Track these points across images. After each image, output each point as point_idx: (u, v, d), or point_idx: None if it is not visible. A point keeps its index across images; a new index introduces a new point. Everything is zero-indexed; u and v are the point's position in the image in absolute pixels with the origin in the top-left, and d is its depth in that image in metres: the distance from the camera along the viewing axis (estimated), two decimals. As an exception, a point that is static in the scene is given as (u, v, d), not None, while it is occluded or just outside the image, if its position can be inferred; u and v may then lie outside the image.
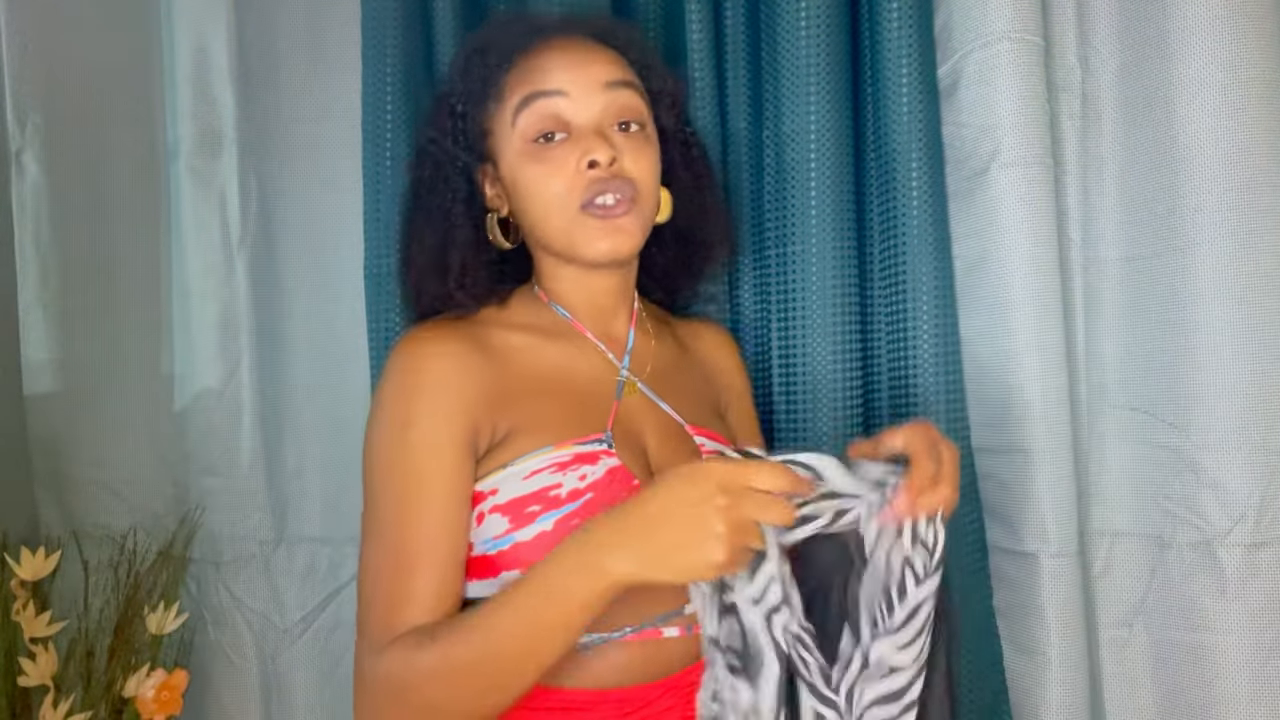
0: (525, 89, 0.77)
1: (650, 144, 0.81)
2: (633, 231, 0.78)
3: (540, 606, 0.65)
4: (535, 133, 0.77)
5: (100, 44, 1.11)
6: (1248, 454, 0.90)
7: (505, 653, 0.66)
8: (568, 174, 0.76)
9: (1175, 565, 0.94)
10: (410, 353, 0.77)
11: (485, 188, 0.84)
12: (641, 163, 0.78)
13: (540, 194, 0.78)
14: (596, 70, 0.78)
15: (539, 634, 0.65)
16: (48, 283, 1.10)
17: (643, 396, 0.83)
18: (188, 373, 1.11)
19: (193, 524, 1.08)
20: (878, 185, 1.02)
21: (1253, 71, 0.88)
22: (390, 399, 0.76)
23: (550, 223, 0.78)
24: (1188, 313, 0.91)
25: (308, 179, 1.10)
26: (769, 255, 1.04)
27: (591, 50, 0.80)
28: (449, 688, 0.67)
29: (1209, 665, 0.92)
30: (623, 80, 0.79)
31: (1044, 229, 0.94)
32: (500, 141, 0.80)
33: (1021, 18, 0.93)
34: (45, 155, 1.09)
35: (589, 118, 0.77)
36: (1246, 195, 0.88)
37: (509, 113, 0.78)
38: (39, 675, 0.94)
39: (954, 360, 0.98)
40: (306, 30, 1.09)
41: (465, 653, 0.66)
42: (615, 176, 0.76)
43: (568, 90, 0.77)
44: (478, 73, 0.80)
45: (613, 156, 0.76)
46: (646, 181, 0.79)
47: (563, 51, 0.79)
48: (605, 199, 0.76)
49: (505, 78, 0.78)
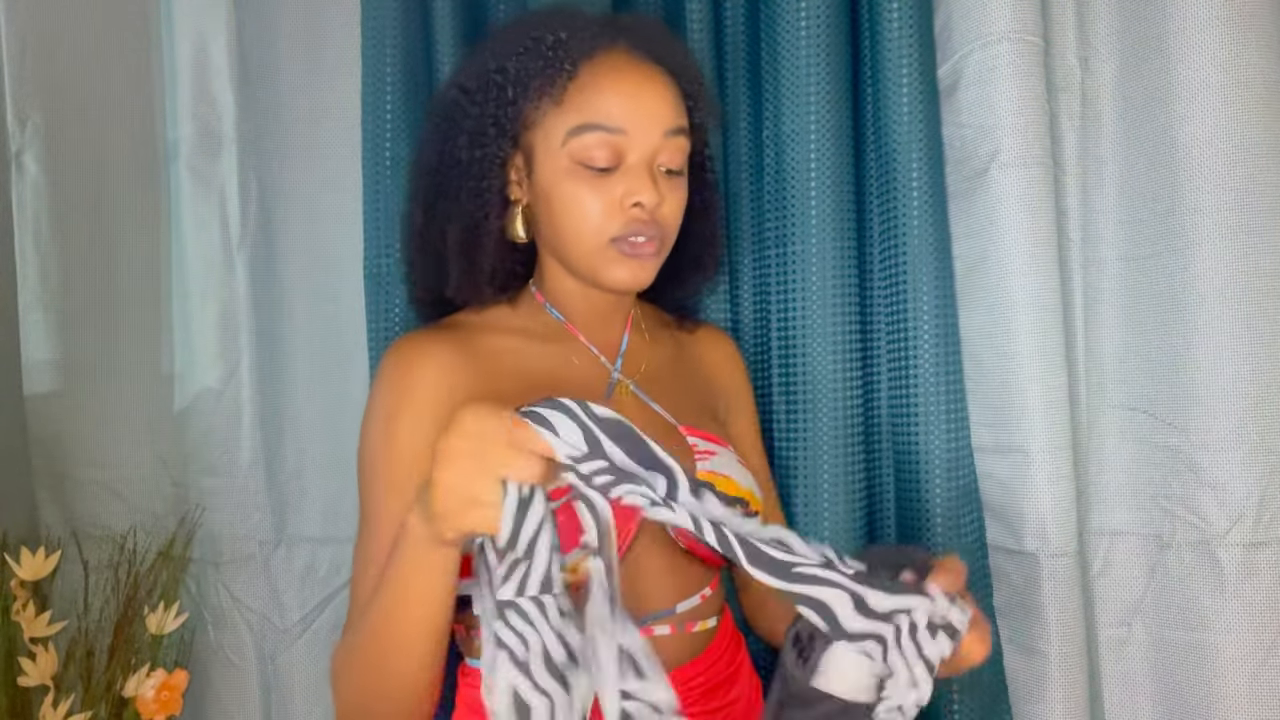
0: (586, 115, 0.76)
1: (684, 187, 0.82)
2: (653, 269, 0.80)
3: (409, 575, 0.64)
4: (587, 159, 0.76)
5: (100, 44, 1.11)
6: (1247, 454, 0.90)
7: (382, 629, 0.66)
8: (610, 204, 0.76)
9: (1174, 565, 0.94)
10: (399, 357, 0.79)
11: (510, 174, 0.82)
12: (675, 209, 0.80)
13: (576, 214, 0.77)
14: (659, 112, 0.77)
15: (411, 605, 0.65)
16: (48, 283, 1.10)
17: (635, 398, 0.83)
18: (188, 373, 1.11)
19: (193, 524, 1.08)
20: (878, 185, 1.02)
21: (1252, 72, 0.88)
22: (378, 402, 0.78)
23: (579, 244, 0.78)
24: (1187, 313, 0.91)
25: (308, 179, 1.09)
26: (769, 255, 1.04)
27: (655, 85, 0.78)
28: (346, 671, 0.70)
29: (1208, 664, 0.92)
30: (679, 128, 0.79)
31: (1044, 229, 0.94)
32: (544, 143, 0.78)
33: (1021, 18, 0.93)
34: (45, 155, 1.09)
35: (642, 156, 0.77)
36: (1246, 195, 0.89)
37: (563, 128, 0.77)
38: (39, 675, 0.94)
39: (954, 360, 0.98)
40: (306, 30, 1.09)
41: (354, 637, 0.69)
42: (654, 220, 0.78)
43: (629, 130, 0.76)
44: (538, 67, 0.77)
45: (658, 202, 0.77)
46: (676, 226, 0.81)
47: (629, 80, 0.77)
48: (639, 237, 0.77)
49: (569, 84, 0.77)
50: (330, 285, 1.10)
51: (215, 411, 1.08)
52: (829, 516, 0.99)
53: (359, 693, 0.69)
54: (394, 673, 0.67)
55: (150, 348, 1.14)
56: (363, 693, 0.69)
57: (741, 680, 0.85)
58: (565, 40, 0.77)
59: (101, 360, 1.12)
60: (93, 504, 1.11)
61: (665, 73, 0.79)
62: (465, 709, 0.80)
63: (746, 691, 0.85)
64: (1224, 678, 0.91)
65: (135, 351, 1.13)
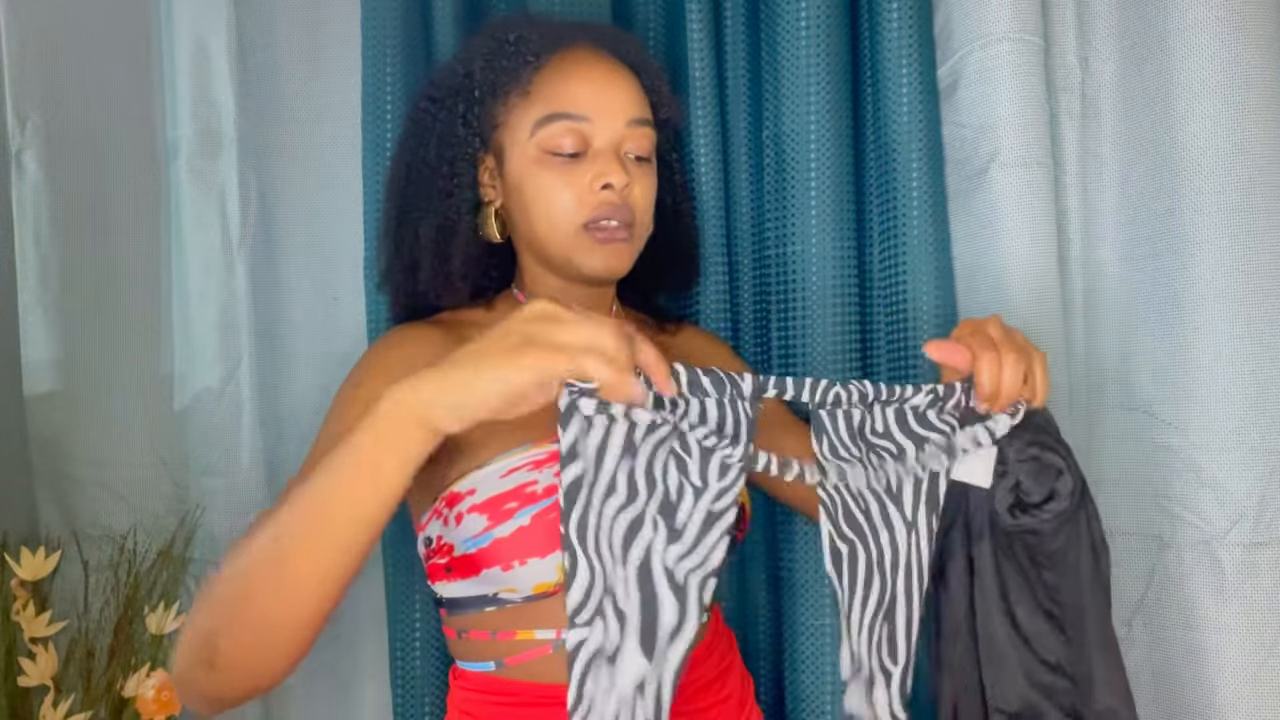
0: (552, 105, 0.79)
1: (653, 175, 0.84)
2: (627, 255, 0.81)
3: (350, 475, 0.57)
4: (554, 147, 0.79)
5: (100, 44, 1.11)
6: (1247, 454, 0.90)
7: (299, 522, 0.57)
8: (579, 189, 0.78)
9: (1174, 565, 0.94)
10: (383, 338, 0.82)
11: (483, 176, 0.84)
12: (646, 194, 0.82)
13: (548, 202, 0.79)
14: (622, 102, 0.80)
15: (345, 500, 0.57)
16: (48, 283, 1.10)
17: None
18: (188, 373, 1.11)
19: (193, 524, 1.08)
20: (878, 185, 1.02)
21: (1252, 71, 0.88)
22: (354, 370, 0.80)
23: (552, 233, 0.80)
24: (1187, 313, 0.91)
25: (308, 179, 1.10)
26: (769, 255, 1.04)
27: (618, 77, 0.81)
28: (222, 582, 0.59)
29: (1208, 664, 0.92)
30: (643, 119, 0.82)
31: (1044, 229, 0.94)
32: (512, 138, 0.81)
33: (1021, 18, 0.93)
34: (45, 155, 1.09)
35: (608, 142, 0.79)
36: (1246, 195, 0.89)
37: (530, 120, 0.79)
38: (39, 675, 0.94)
39: (954, 360, 0.98)
40: (306, 30, 1.09)
41: (244, 542, 0.59)
42: (624, 203, 0.79)
43: (594, 118, 0.79)
44: (504, 64, 0.80)
45: (627, 182, 0.79)
46: (646, 211, 0.83)
47: (593, 70, 0.80)
48: (609, 221, 0.79)
49: (533, 77, 0.79)
50: (330, 285, 1.10)
51: (215, 411, 1.08)
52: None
53: (228, 602, 0.59)
54: (289, 582, 0.57)
55: (150, 348, 1.14)
56: (237, 602, 0.58)
57: (733, 678, 0.85)
58: (529, 37, 0.80)
59: (101, 360, 1.12)
60: (93, 504, 1.11)
61: (627, 67, 0.83)
62: (457, 712, 0.81)
63: (738, 689, 0.86)
64: (1224, 677, 0.91)
65: (135, 351, 1.13)
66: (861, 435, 0.70)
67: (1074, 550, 0.71)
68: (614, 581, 0.61)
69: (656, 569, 0.62)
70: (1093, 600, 0.71)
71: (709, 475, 0.64)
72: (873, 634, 0.68)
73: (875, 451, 0.69)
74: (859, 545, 0.68)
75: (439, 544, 0.76)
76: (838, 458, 0.68)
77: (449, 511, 0.75)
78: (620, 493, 0.62)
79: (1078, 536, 0.71)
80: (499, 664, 0.77)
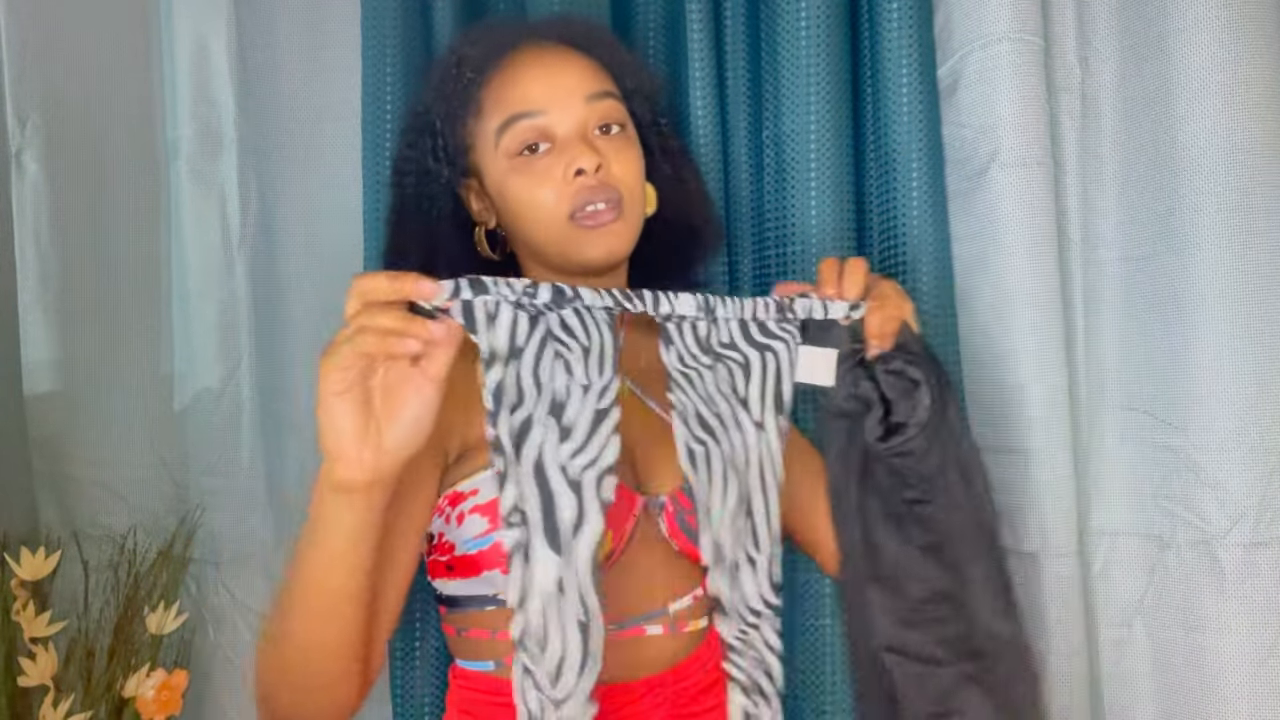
0: (505, 110, 0.78)
1: (632, 144, 0.82)
2: (624, 234, 0.79)
3: (319, 541, 0.63)
4: (519, 148, 0.78)
5: (100, 44, 1.11)
6: (1247, 454, 0.90)
7: (299, 599, 0.63)
8: (555, 183, 0.77)
9: (1174, 565, 0.94)
10: None
11: (471, 202, 0.84)
12: (626, 165, 0.80)
13: (529, 204, 0.78)
14: (574, 83, 0.79)
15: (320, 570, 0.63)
16: (48, 283, 1.10)
17: (629, 393, 0.83)
18: (188, 373, 1.11)
19: (193, 524, 1.08)
20: (878, 185, 1.02)
21: (1252, 71, 0.88)
22: None
23: (542, 233, 0.79)
24: (1188, 313, 0.91)
25: (308, 179, 1.10)
26: (769, 255, 1.04)
27: (566, 60, 0.80)
28: (264, 651, 0.66)
29: (1208, 664, 0.92)
30: (601, 91, 0.80)
31: (1044, 229, 0.94)
32: (483, 156, 0.81)
33: (1021, 18, 0.93)
34: (45, 155, 1.09)
35: (571, 128, 0.78)
36: (1246, 195, 0.88)
37: (490, 132, 0.79)
38: (39, 675, 0.94)
39: (953, 360, 0.98)
40: (306, 30, 1.09)
41: (273, 613, 0.66)
42: (602, 184, 0.77)
43: (548, 109, 0.78)
44: (452, 89, 0.80)
45: (598, 163, 0.77)
46: (632, 183, 0.80)
47: (538, 65, 0.79)
48: (594, 206, 0.77)
49: (481, 93, 0.79)
50: (330, 285, 1.10)
51: (215, 411, 1.08)
52: (829, 516, 0.98)
53: (277, 671, 0.66)
54: (313, 646, 0.64)
55: (150, 348, 1.14)
56: (281, 670, 0.65)
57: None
58: (470, 55, 0.80)
59: (101, 360, 1.12)
60: (93, 504, 1.11)
61: (573, 49, 0.82)
62: (456, 711, 0.80)
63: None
64: (1224, 677, 0.91)
65: (135, 351, 1.13)
66: (709, 346, 0.74)
67: (944, 475, 0.75)
68: (514, 482, 0.65)
69: (550, 468, 0.65)
70: (971, 525, 0.75)
71: (590, 373, 0.68)
72: (734, 525, 0.73)
73: (723, 361, 0.75)
74: (711, 444, 0.73)
75: (440, 541, 0.76)
76: (686, 366, 0.73)
77: (451, 510, 0.75)
78: (509, 395, 0.65)
79: (946, 460, 0.75)
80: (498, 663, 0.77)
